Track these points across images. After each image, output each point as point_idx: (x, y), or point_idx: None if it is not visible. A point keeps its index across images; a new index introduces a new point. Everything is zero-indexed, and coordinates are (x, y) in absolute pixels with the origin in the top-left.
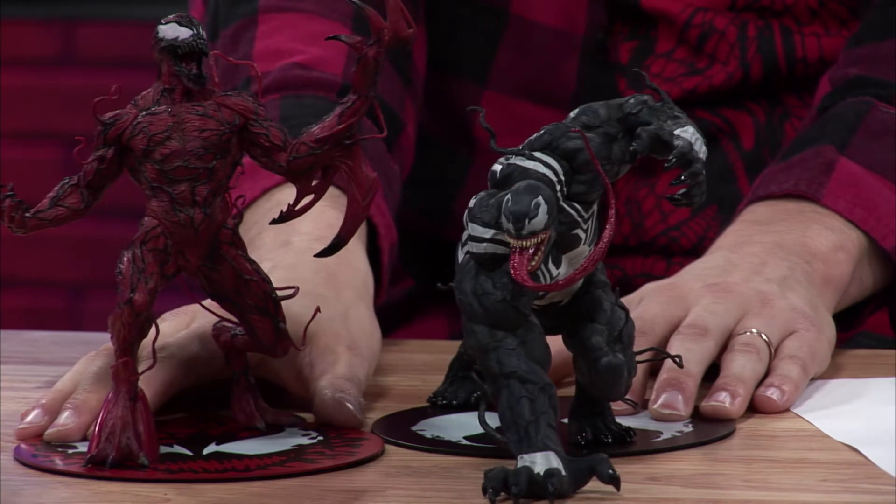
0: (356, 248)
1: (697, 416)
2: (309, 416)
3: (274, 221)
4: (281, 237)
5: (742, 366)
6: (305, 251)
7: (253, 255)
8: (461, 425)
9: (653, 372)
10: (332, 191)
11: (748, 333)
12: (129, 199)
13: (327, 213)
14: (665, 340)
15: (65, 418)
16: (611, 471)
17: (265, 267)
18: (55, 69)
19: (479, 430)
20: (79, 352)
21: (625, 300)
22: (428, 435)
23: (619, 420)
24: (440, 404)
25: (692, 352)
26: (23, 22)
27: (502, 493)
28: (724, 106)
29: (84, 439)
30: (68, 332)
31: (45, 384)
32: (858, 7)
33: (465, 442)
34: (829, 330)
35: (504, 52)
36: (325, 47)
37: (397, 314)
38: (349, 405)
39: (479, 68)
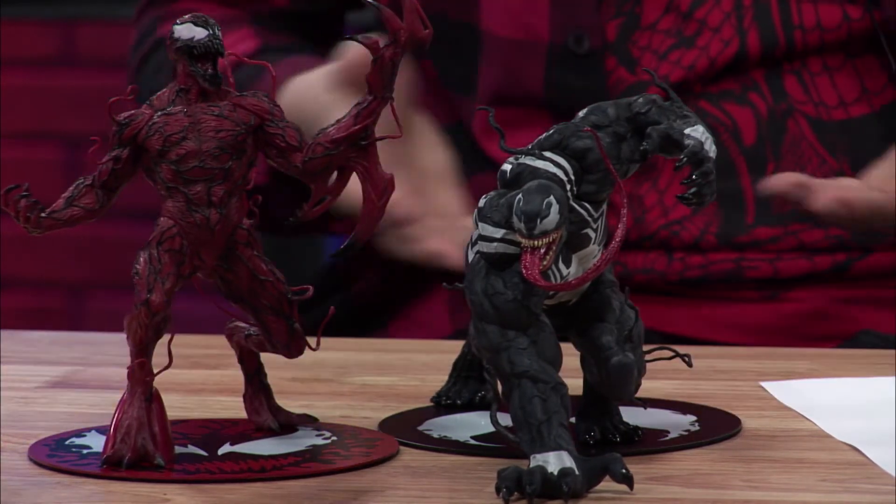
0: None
1: (703, 415)
2: (321, 416)
3: (289, 222)
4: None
5: None
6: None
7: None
8: (468, 425)
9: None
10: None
11: None
12: (130, 200)
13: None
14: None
15: None
16: (624, 469)
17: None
18: (55, 69)
19: (487, 429)
20: (79, 352)
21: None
22: (435, 435)
23: (626, 419)
24: (444, 404)
25: None
26: (23, 22)
27: (516, 493)
28: (726, 88)
29: None
30: (68, 332)
31: (45, 384)
32: None
33: (473, 442)
34: None
35: (483, 64)
36: None
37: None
38: None
39: (465, 80)
